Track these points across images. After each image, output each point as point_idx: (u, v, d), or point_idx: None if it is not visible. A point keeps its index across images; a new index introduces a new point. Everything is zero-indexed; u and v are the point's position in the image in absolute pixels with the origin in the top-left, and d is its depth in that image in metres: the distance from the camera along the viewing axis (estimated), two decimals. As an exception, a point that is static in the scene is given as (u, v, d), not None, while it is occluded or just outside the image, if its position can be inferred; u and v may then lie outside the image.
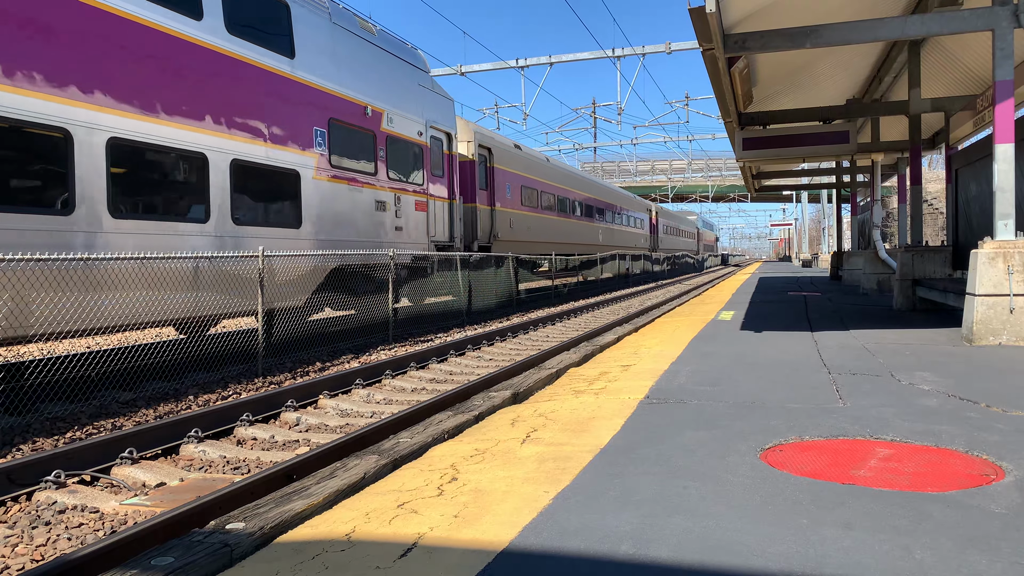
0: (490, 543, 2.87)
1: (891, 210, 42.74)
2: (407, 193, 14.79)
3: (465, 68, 28.06)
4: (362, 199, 13.04)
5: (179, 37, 9.26)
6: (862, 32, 9.00)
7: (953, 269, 12.82)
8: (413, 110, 15.15)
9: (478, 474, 3.83)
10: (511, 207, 21.78)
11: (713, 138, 52.52)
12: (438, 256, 15.78)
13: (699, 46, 9.25)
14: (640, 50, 26.44)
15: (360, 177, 12.99)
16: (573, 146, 53.50)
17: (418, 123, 15.29)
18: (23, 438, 6.68)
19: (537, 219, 24.23)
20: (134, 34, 8.63)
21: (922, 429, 4.44)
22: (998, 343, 8.08)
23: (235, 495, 4.70)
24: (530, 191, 23.53)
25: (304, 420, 7.49)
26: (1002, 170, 8.45)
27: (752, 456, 3.97)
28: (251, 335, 10.73)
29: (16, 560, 4.17)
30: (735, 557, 2.67)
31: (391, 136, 14.08)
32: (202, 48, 9.62)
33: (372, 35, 13.89)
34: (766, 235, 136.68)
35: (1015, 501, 3.19)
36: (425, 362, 10.84)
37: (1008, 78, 8.38)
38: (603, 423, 4.84)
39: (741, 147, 15.88)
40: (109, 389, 8.73)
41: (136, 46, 8.65)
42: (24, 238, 7.31)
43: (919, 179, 14.16)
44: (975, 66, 15.33)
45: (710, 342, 9.00)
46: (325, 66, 12.21)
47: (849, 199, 28.89)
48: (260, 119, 10.66)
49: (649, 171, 69.86)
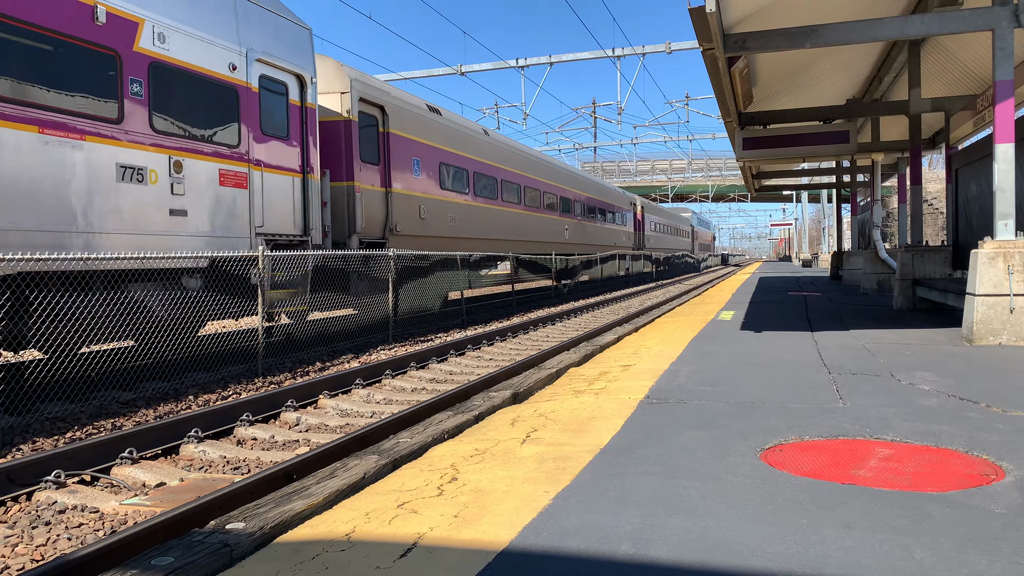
0: (490, 543, 2.87)
1: (891, 210, 42.75)
2: (200, 158, 9.53)
3: (465, 68, 28.05)
4: (83, 160, 7.95)
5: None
6: (862, 32, 9.00)
7: (953, 269, 12.83)
8: (219, 29, 9.92)
9: (478, 474, 3.83)
10: (421, 190, 15.94)
11: (713, 138, 52.50)
12: (269, 257, 10.15)
13: (699, 46, 9.25)
14: (640, 50, 26.44)
15: (80, 124, 7.94)
16: (573, 146, 53.53)
17: (231, 51, 10.10)
18: (23, 438, 6.68)
19: (468, 209, 18.42)
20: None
21: (922, 429, 4.44)
22: (998, 343, 8.08)
23: (235, 495, 4.69)
24: (456, 170, 17.86)
25: (304, 420, 7.49)
26: (1002, 170, 8.45)
27: (752, 456, 3.97)
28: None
29: (16, 560, 4.17)
30: (735, 557, 2.67)
31: (163, 64, 9.00)
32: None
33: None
34: (766, 235, 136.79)
35: (1015, 501, 3.19)
36: (425, 362, 10.84)
37: (1008, 78, 8.38)
38: (603, 423, 4.84)
39: (741, 147, 15.89)
40: (109, 389, 8.73)
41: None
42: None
43: (919, 179, 14.17)
44: (975, 66, 15.33)
45: (710, 342, 9.00)
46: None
47: (849, 199, 28.90)
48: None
49: (649, 171, 69.87)
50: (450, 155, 17.51)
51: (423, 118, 16.28)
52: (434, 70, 28.66)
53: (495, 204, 20.22)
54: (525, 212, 22.55)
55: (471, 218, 18.64)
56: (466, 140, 18.50)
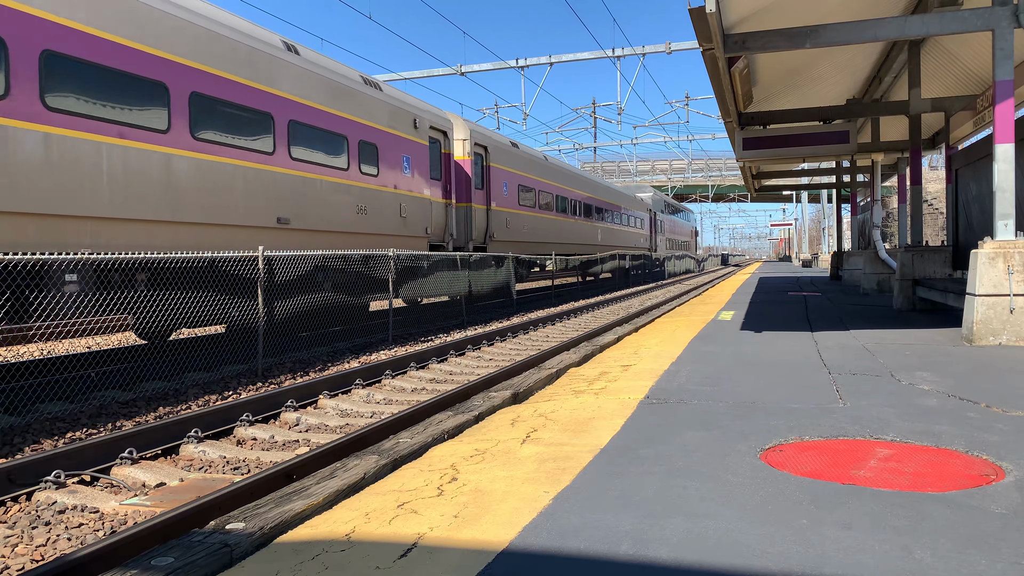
0: (490, 543, 2.87)
1: (891, 210, 42.74)
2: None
3: (465, 68, 28.05)
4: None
5: None
6: (862, 32, 9.00)
7: (953, 269, 12.83)
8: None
9: (478, 474, 3.83)
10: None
11: (713, 138, 52.53)
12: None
13: (699, 46, 9.25)
14: (640, 50, 26.44)
15: None
16: (573, 146, 53.53)
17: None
18: (23, 438, 6.68)
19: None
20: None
21: (922, 429, 4.44)
22: (998, 343, 8.08)
23: (235, 495, 4.69)
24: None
25: (304, 420, 7.49)
26: (1002, 170, 8.45)
27: (752, 456, 3.97)
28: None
29: (16, 560, 4.17)
30: (735, 557, 2.67)
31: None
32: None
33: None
34: (766, 235, 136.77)
35: (1015, 501, 3.19)
36: (425, 362, 10.84)
37: (1008, 78, 8.38)
38: (603, 423, 4.84)
39: (741, 147, 15.88)
40: (109, 389, 8.73)
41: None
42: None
43: (919, 179, 14.17)
44: (975, 66, 15.33)
45: (710, 342, 9.00)
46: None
47: (849, 199, 28.90)
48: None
49: (649, 171, 69.89)
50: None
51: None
52: (434, 70, 28.66)
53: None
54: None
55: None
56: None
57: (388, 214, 14.51)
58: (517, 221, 21.63)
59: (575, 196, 28.29)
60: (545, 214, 24.46)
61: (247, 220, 10.76)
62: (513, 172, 21.38)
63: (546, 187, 24.62)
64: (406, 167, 15.20)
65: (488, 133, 20.38)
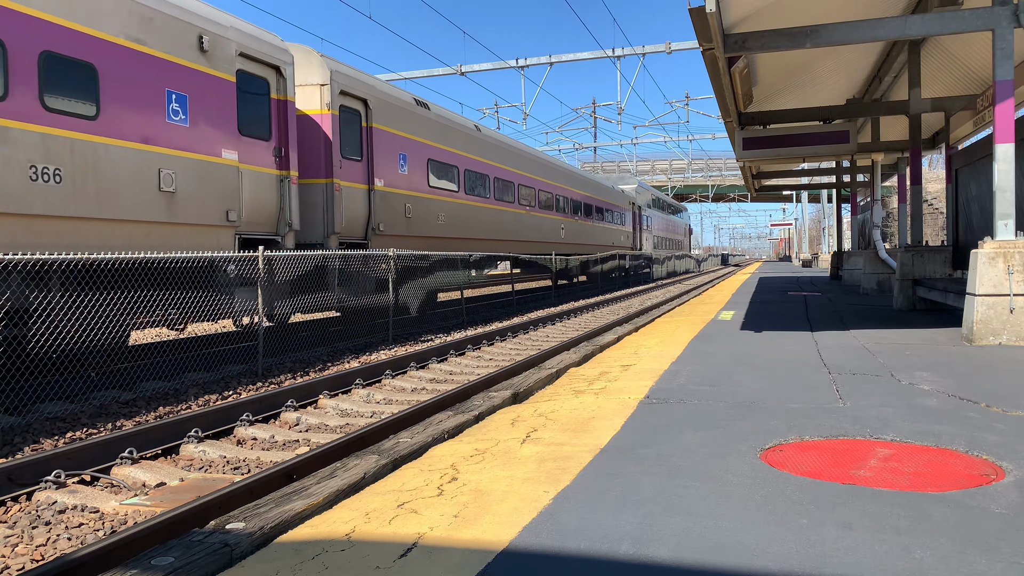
0: (490, 543, 2.87)
1: (891, 210, 42.74)
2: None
3: (465, 68, 28.06)
4: None
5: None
6: (862, 32, 9.00)
7: (953, 269, 12.83)
8: None
9: (478, 474, 3.83)
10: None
11: (713, 138, 52.53)
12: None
13: (699, 46, 9.25)
14: (640, 50, 26.44)
15: None
16: (573, 146, 53.52)
17: None
18: (23, 438, 6.68)
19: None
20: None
21: (922, 429, 4.44)
22: (998, 343, 8.08)
23: (235, 495, 4.69)
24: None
25: (304, 420, 7.49)
26: (1002, 170, 8.45)
27: (752, 456, 3.97)
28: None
29: (16, 560, 4.17)
30: (735, 557, 2.67)
31: None
32: None
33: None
34: (766, 235, 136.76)
35: (1015, 501, 3.19)
36: (425, 362, 10.84)
37: (1008, 78, 8.38)
38: (603, 423, 4.84)
39: (741, 147, 15.88)
40: (109, 389, 8.73)
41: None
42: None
43: (919, 179, 14.17)
44: (975, 66, 15.33)
45: (710, 342, 9.00)
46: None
47: (849, 199, 28.90)
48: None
49: (649, 171, 69.87)
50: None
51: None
52: (434, 70, 28.67)
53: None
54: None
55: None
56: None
57: (125, 187, 8.63)
58: (425, 209, 16.07)
59: (527, 182, 22.62)
60: (476, 201, 18.78)
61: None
62: (418, 141, 15.82)
63: (479, 166, 18.91)
64: (177, 111, 9.43)
65: (372, 82, 14.38)
